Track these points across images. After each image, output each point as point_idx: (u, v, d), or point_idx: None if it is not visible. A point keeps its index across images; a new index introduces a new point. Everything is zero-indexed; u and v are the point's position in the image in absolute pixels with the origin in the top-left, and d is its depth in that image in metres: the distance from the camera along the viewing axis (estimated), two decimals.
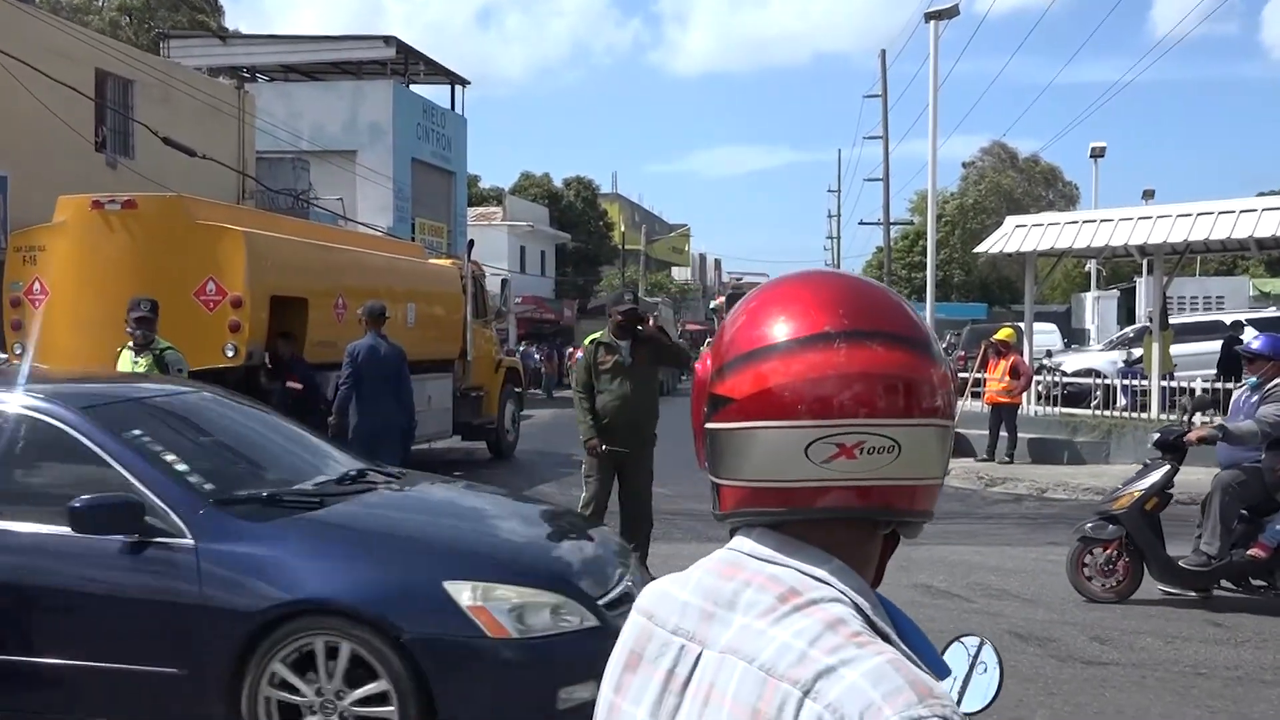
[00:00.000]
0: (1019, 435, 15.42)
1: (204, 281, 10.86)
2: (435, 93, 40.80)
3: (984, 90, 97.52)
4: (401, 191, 32.09)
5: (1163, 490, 7.43)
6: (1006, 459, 15.24)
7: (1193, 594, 7.57)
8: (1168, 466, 7.46)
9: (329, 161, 29.16)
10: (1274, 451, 7.15)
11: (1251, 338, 7.96)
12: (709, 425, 1.24)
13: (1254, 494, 7.32)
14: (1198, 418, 8.30)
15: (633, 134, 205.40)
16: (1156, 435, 7.87)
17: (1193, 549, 7.44)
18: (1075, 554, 7.65)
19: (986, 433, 15.69)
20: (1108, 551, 7.53)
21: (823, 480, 1.19)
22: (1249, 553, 7.25)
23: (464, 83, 37.50)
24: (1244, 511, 7.33)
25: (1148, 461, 7.82)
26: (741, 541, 1.24)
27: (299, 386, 11.53)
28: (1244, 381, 8.03)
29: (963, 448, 16.15)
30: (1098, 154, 32.03)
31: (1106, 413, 16.10)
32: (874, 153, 47.56)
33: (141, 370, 7.75)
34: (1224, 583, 7.49)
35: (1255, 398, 7.40)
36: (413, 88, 34.98)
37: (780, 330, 1.21)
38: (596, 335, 8.17)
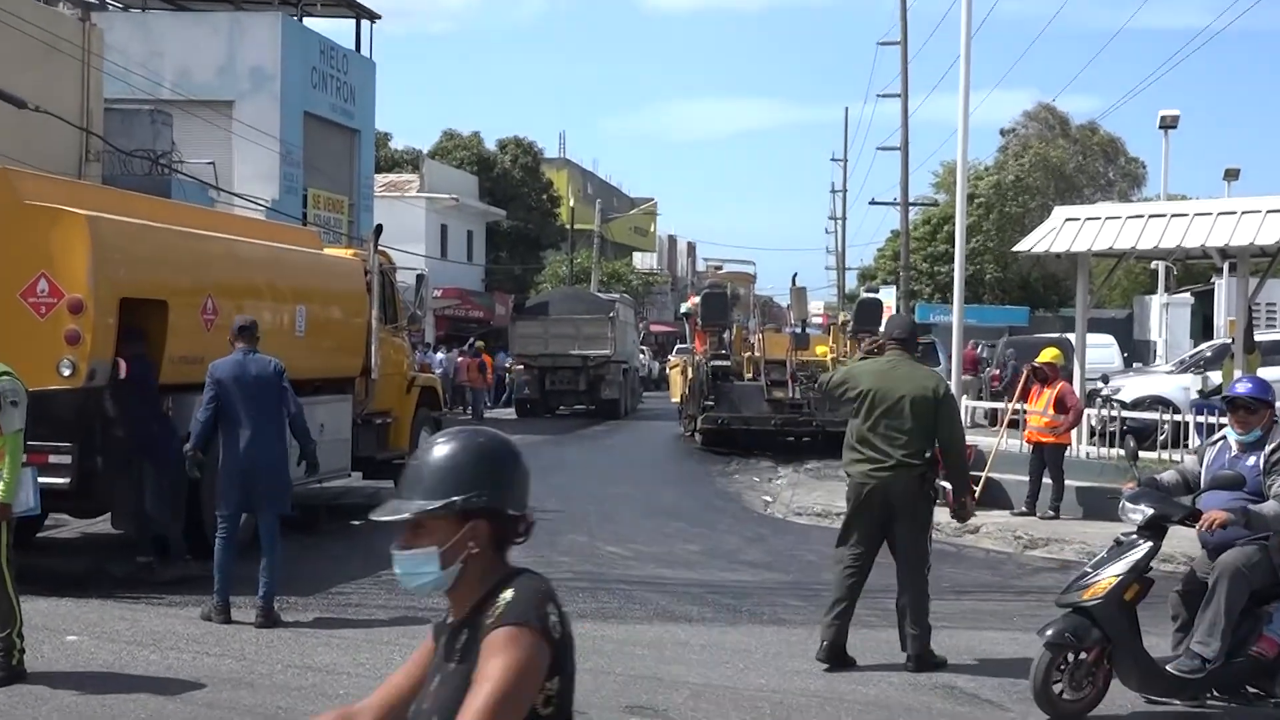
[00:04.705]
0: (1066, 483, 15.56)
1: (34, 279, 10.71)
2: (336, 29, 40.69)
3: (1032, 39, 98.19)
4: (291, 154, 31.90)
5: (1143, 574, 7.29)
6: (1051, 513, 15.39)
7: (1178, 704, 7.39)
8: (1149, 544, 7.28)
9: (198, 115, 28.91)
10: None
11: (1235, 380, 7.91)
12: None
13: (1262, 578, 7.21)
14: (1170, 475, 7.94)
15: (591, 81, 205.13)
16: (1138, 510, 7.39)
17: (1182, 649, 7.27)
18: (1045, 664, 7.23)
19: (1026, 479, 15.83)
20: (1088, 659, 7.23)
21: None
22: (1252, 651, 7.16)
23: (372, 16, 37.34)
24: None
25: (1120, 538, 7.50)
26: None
27: (123, 363, 11.08)
28: (1222, 434, 7.87)
29: (997, 499, 16.29)
30: (1169, 124, 32.46)
31: (1176, 456, 16.24)
32: (890, 113, 47.97)
33: None
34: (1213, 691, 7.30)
35: (1252, 460, 7.33)
36: (307, 22, 34.86)
37: None
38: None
